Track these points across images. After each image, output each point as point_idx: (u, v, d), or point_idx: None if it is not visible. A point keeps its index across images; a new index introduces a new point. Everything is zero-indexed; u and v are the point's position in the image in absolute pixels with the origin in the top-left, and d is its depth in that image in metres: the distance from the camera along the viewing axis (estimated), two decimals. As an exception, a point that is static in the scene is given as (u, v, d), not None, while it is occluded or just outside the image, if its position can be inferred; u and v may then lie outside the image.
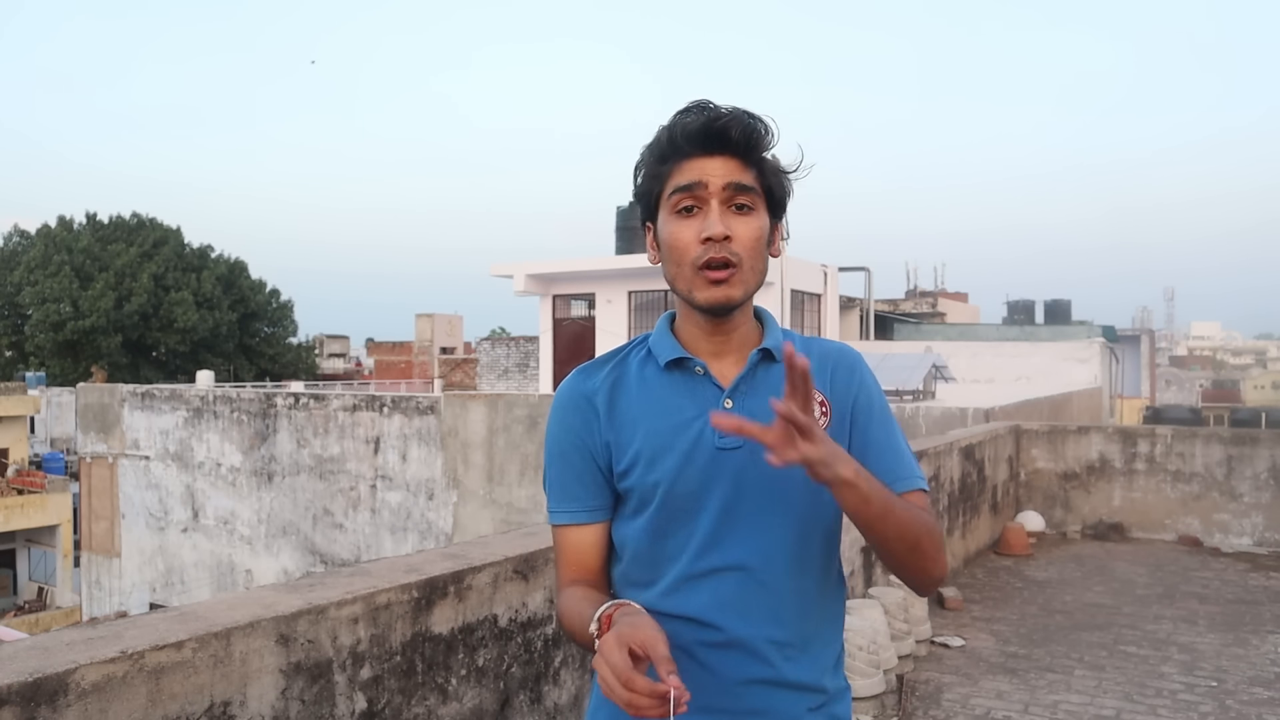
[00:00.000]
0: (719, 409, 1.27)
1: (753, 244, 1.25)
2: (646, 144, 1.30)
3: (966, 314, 31.99)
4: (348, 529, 13.99)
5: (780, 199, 1.30)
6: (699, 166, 1.24)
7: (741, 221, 1.25)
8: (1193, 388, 60.55)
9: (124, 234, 39.51)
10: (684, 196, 1.25)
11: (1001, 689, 4.64)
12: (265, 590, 2.03)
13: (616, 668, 1.04)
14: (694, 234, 1.24)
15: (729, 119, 1.24)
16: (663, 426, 1.28)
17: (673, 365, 1.31)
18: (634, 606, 1.17)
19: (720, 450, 1.26)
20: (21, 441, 28.33)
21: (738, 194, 1.24)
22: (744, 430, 1.13)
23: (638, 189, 1.32)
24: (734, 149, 1.24)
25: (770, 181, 1.27)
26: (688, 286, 1.27)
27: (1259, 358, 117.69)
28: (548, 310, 20.72)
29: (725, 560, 1.27)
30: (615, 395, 1.33)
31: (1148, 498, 8.62)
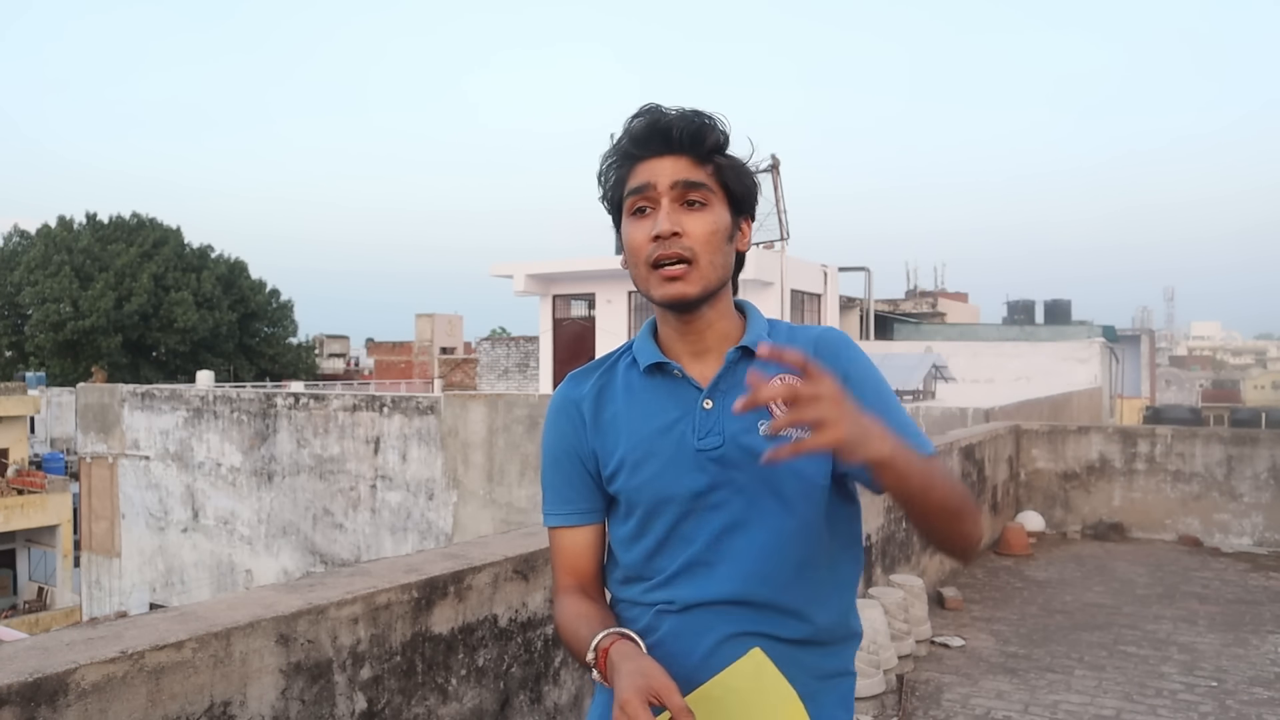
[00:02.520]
0: (699, 410, 1.28)
1: (706, 238, 1.25)
2: (604, 152, 1.32)
3: (966, 314, 31.98)
4: (348, 529, 13.99)
5: (741, 194, 1.30)
6: (649, 168, 1.26)
7: (694, 217, 1.25)
8: (1193, 388, 60.54)
9: (124, 234, 39.50)
10: (637, 199, 1.27)
11: (1001, 689, 4.64)
12: (265, 590, 2.03)
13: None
14: (646, 234, 1.26)
15: (671, 119, 1.26)
16: (645, 431, 1.30)
17: (653, 369, 1.32)
18: (631, 645, 1.19)
19: (700, 452, 1.27)
20: (21, 441, 28.34)
21: (687, 190, 1.25)
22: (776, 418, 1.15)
23: (603, 195, 1.34)
24: (681, 148, 1.25)
25: (725, 177, 1.28)
26: (645, 285, 1.28)
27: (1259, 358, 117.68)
28: (548, 310, 20.72)
29: (715, 561, 1.27)
30: (600, 403, 1.35)
31: (1148, 498, 8.62)
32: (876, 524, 5.45)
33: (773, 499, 1.26)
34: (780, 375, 1.27)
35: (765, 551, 1.26)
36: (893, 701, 4.36)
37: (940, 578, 6.66)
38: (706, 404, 1.28)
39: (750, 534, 1.27)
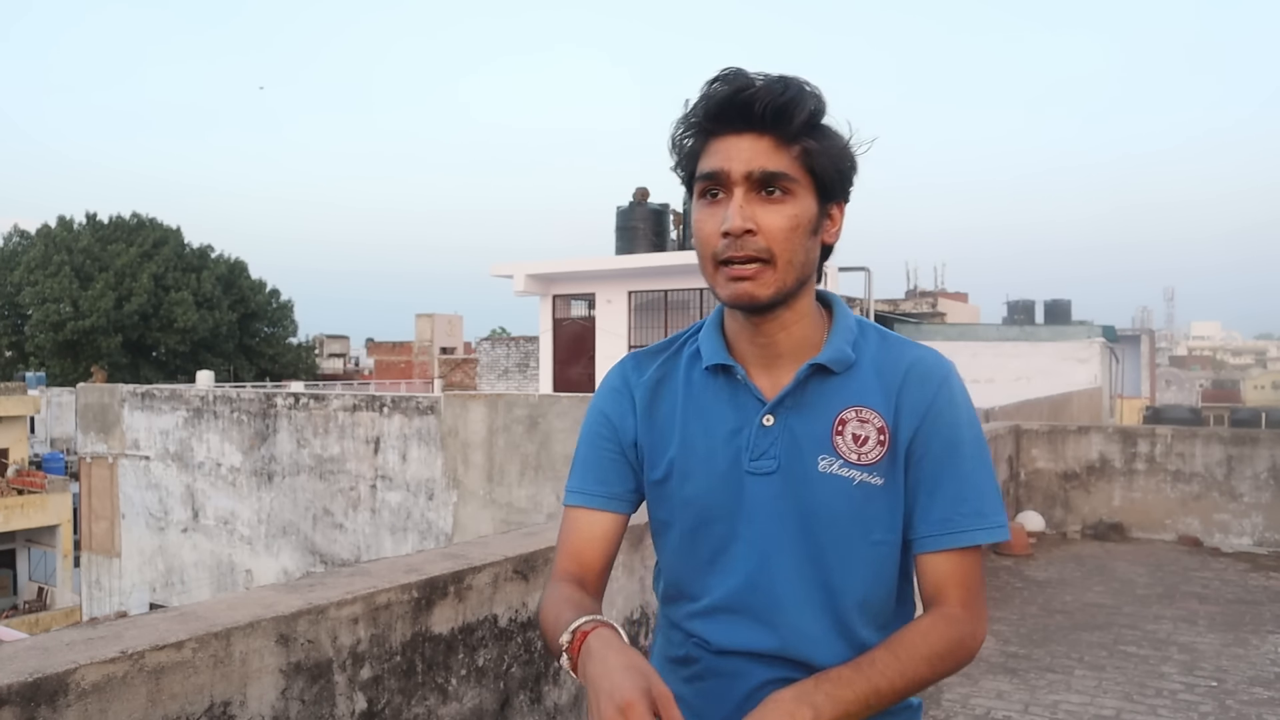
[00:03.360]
0: (757, 426, 1.13)
1: (785, 235, 1.07)
2: (678, 117, 1.14)
3: (966, 314, 31.98)
4: (348, 529, 13.99)
5: (831, 180, 1.11)
6: (723, 149, 1.08)
7: (771, 210, 1.07)
8: (1193, 388, 60.56)
9: (124, 234, 39.51)
10: (707, 184, 1.10)
11: (1001, 689, 4.64)
12: (265, 590, 2.03)
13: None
14: (715, 225, 1.09)
15: (756, 91, 1.05)
16: (699, 438, 1.16)
17: (716, 369, 1.17)
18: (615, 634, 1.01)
19: (750, 475, 1.12)
20: (21, 441, 28.34)
21: (765, 181, 1.07)
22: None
23: (675, 165, 1.17)
24: (763, 125, 1.06)
25: (814, 162, 1.08)
26: (710, 281, 1.13)
27: (1259, 358, 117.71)
28: (548, 310, 20.72)
29: (754, 606, 1.13)
30: (657, 395, 1.21)
31: (1148, 498, 8.62)
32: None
33: (826, 543, 1.12)
34: (857, 408, 1.12)
35: (809, 603, 1.12)
36: (893, 701, 4.36)
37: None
38: (766, 420, 1.13)
39: (794, 581, 1.12)
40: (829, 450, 1.11)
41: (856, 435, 1.11)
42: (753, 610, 1.14)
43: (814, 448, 1.11)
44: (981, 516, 1.11)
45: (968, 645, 1.07)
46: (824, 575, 1.12)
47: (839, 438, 1.11)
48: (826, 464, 1.11)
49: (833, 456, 1.11)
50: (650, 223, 19.20)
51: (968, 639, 1.07)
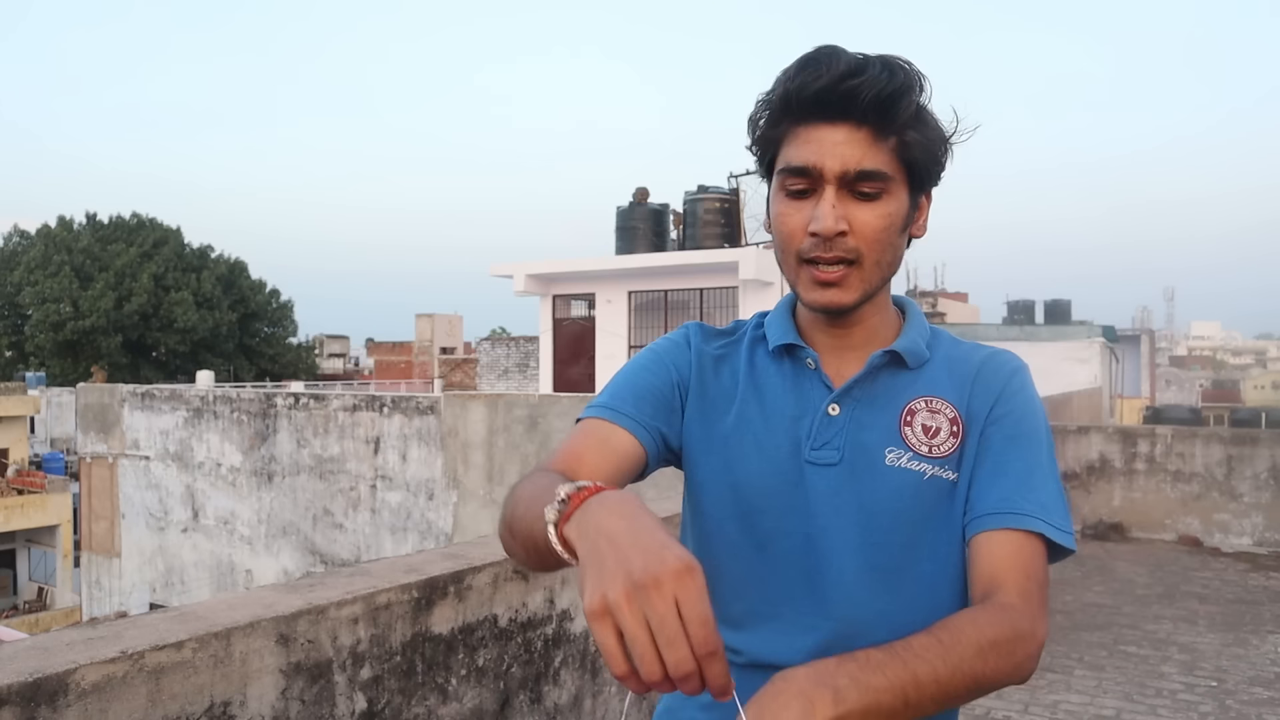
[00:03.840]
0: (822, 414, 1.04)
1: (877, 236, 0.99)
2: (762, 94, 1.03)
3: (966, 314, 31.98)
4: (348, 529, 13.99)
5: (925, 172, 1.02)
6: (816, 140, 0.98)
7: (864, 210, 0.99)
8: (1193, 388, 60.56)
9: (124, 234, 39.51)
10: (794, 179, 1.00)
11: (1001, 689, 4.64)
12: (265, 590, 2.03)
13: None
14: (802, 222, 1.00)
15: (862, 81, 0.95)
16: (756, 418, 1.06)
17: (782, 351, 1.09)
18: (634, 499, 0.78)
19: (810, 464, 1.03)
20: (21, 441, 28.34)
21: (860, 180, 0.98)
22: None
23: (751, 144, 1.07)
24: (862, 117, 0.97)
25: (912, 155, 0.99)
26: (793, 279, 1.04)
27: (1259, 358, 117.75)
28: (548, 310, 20.72)
29: (798, 610, 1.02)
30: (717, 368, 1.11)
31: (1148, 498, 8.62)
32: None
33: (892, 543, 1.01)
34: (927, 398, 1.05)
35: (869, 609, 1.01)
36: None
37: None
38: (832, 409, 1.04)
39: (853, 584, 1.01)
40: (897, 442, 1.02)
41: (927, 426, 1.03)
42: (802, 616, 1.02)
43: (881, 440, 1.03)
44: (1047, 510, 0.98)
45: (1027, 642, 0.88)
46: (888, 578, 1.01)
47: (907, 429, 1.03)
48: (894, 456, 1.02)
49: (901, 449, 1.02)
50: (650, 223, 19.21)
51: (1027, 635, 0.88)
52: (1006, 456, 1.01)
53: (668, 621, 0.67)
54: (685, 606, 0.67)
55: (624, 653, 0.69)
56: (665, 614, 0.67)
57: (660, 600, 0.67)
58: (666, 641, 0.67)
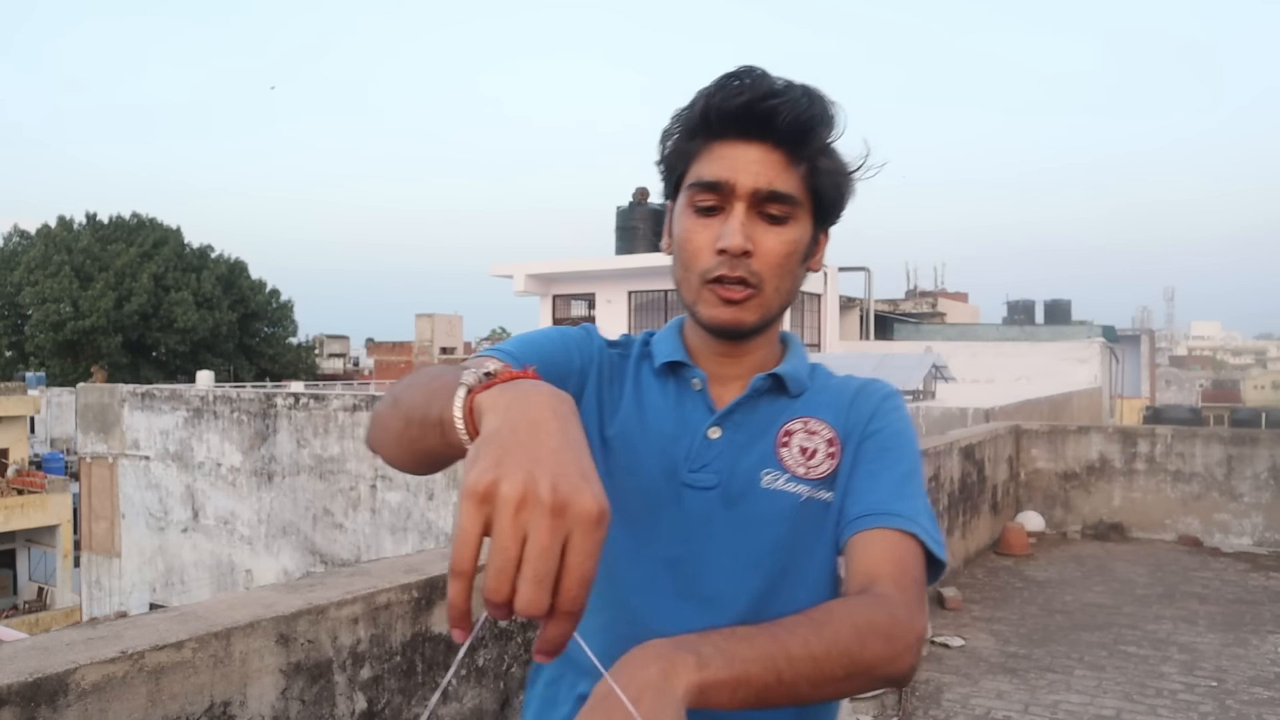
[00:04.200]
0: (701, 437, 1.02)
1: (780, 261, 0.99)
2: (678, 109, 1.02)
3: (966, 314, 32.01)
4: (348, 529, 13.99)
5: (830, 205, 1.03)
6: (730, 157, 0.97)
7: (770, 234, 0.98)
8: (1193, 388, 60.60)
9: (124, 234, 39.52)
10: (705, 194, 0.99)
11: (1001, 689, 4.64)
12: (265, 590, 2.03)
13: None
14: (709, 239, 0.99)
15: (779, 103, 0.95)
16: (636, 433, 1.03)
17: (668, 370, 1.07)
18: (571, 402, 0.71)
19: (687, 488, 1.00)
20: (21, 441, 28.34)
21: (770, 202, 0.97)
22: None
23: (661, 159, 1.06)
24: (778, 139, 0.96)
25: (820, 183, 1.00)
26: (693, 298, 1.02)
27: (1259, 358, 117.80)
28: (547, 310, 20.72)
29: (657, 628, 0.92)
30: (610, 373, 1.09)
31: (1148, 498, 8.62)
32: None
33: (769, 566, 0.99)
34: (804, 419, 1.05)
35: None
36: (893, 701, 4.36)
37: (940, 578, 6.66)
38: (713, 432, 1.03)
39: (724, 609, 0.96)
40: (774, 464, 1.01)
41: (804, 448, 1.03)
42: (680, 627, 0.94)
43: (758, 462, 1.01)
44: (920, 517, 0.97)
45: (903, 629, 0.84)
46: (765, 602, 0.98)
47: (784, 450, 1.02)
48: (771, 479, 1.00)
49: (778, 470, 1.01)
50: (650, 223, 19.21)
51: (904, 623, 0.85)
52: (881, 465, 1.01)
53: (544, 556, 0.59)
54: (573, 553, 0.60)
55: (477, 547, 0.60)
56: (548, 547, 0.59)
57: (550, 530, 0.59)
58: (533, 575, 0.59)
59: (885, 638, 0.83)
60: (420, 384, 0.82)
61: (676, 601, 0.98)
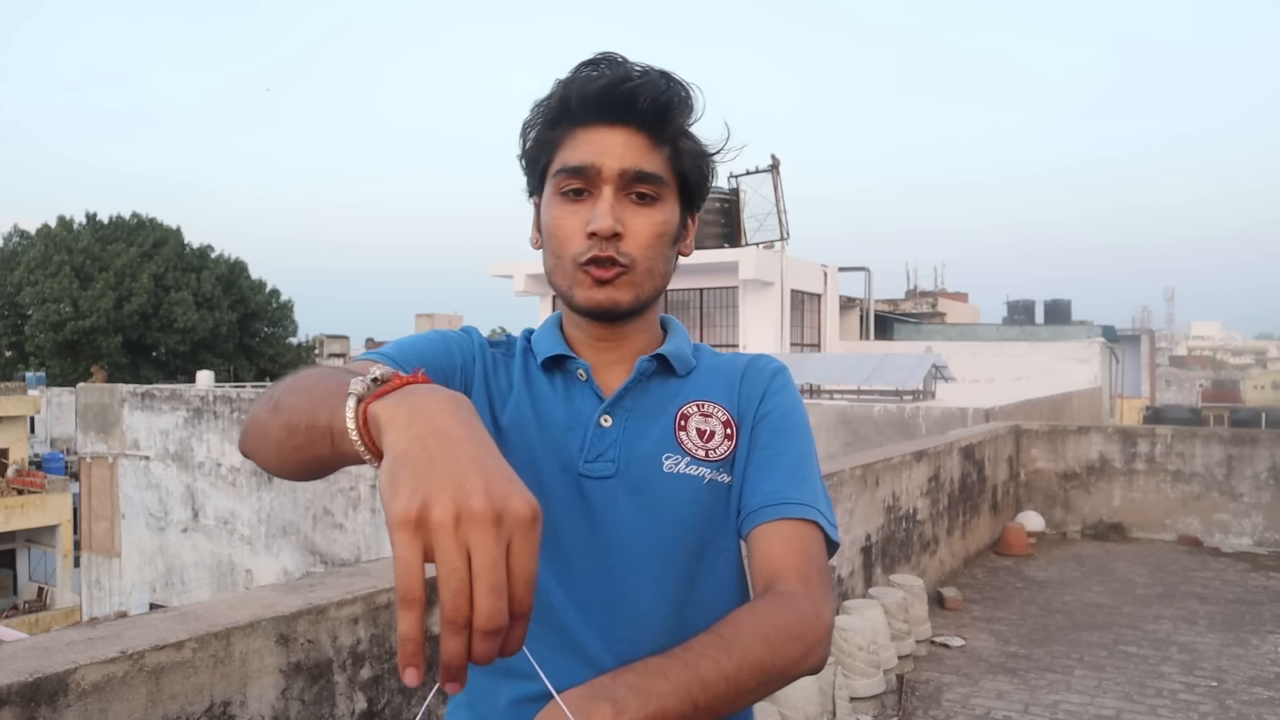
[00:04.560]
0: (594, 426, 1.02)
1: (650, 242, 1.00)
2: (536, 101, 1.03)
3: (966, 314, 31.99)
4: (348, 529, 13.99)
5: (696, 187, 1.05)
6: (594, 141, 0.98)
7: (639, 215, 0.99)
8: (1193, 388, 60.56)
9: (124, 234, 39.51)
10: (571, 179, 0.99)
11: (1001, 689, 4.64)
12: (265, 590, 2.03)
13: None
14: (579, 224, 0.99)
15: (638, 83, 0.97)
16: (530, 424, 1.03)
17: (551, 365, 1.06)
18: (470, 404, 0.69)
19: (584, 478, 1.00)
20: (21, 441, 28.33)
21: (638, 182, 0.98)
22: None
23: (524, 153, 1.05)
24: (641, 121, 0.98)
25: (684, 165, 1.02)
26: (567, 284, 1.02)
27: (1259, 358, 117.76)
28: (547, 310, 20.70)
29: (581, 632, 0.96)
30: (495, 369, 1.07)
31: (1148, 498, 8.62)
32: (876, 524, 5.45)
33: (676, 551, 0.98)
34: (699, 402, 1.05)
35: (652, 622, 0.96)
36: (893, 701, 4.36)
37: (940, 578, 6.66)
38: (604, 420, 1.02)
39: (638, 597, 0.97)
40: (674, 448, 1.01)
41: (701, 430, 1.03)
42: (580, 636, 0.96)
43: (657, 447, 1.01)
44: (817, 500, 0.98)
45: (811, 626, 0.86)
46: (678, 588, 0.98)
47: (682, 433, 1.02)
48: (672, 463, 1.00)
49: (679, 454, 1.01)
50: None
51: (810, 618, 0.86)
52: (775, 450, 1.02)
53: (496, 566, 0.59)
54: (516, 558, 0.60)
55: (423, 574, 0.59)
56: (496, 557, 0.59)
57: (492, 540, 0.59)
58: (488, 587, 0.58)
59: (795, 639, 0.84)
60: (301, 388, 0.80)
61: (592, 591, 0.97)
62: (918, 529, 6.17)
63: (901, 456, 5.92)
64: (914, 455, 6.15)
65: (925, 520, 6.33)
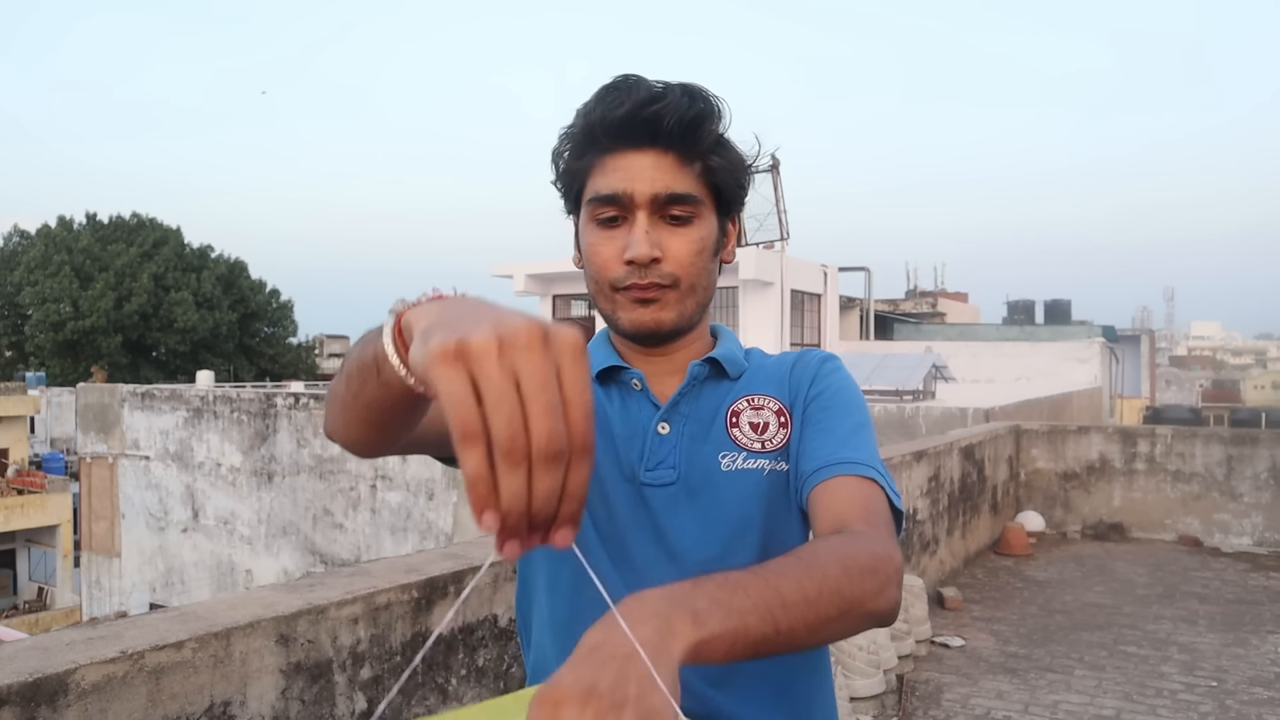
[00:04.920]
0: (652, 435, 1.02)
1: (690, 260, 0.99)
2: (563, 129, 1.03)
3: (966, 314, 31.99)
4: (348, 529, 13.99)
5: (732, 196, 1.04)
6: (623, 167, 0.97)
7: (676, 236, 0.99)
8: (1193, 388, 60.56)
9: (124, 234, 39.52)
10: (603, 207, 0.99)
11: (1001, 689, 4.64)
12: (265, 590, 2.03)
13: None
14: (615, 251, 0.99)
15: (662, 107, 0.96)
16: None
17: (605, 376, 1.06)
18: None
19: (648, 487, 1.00)
20: (21, 441, 28.33)
21: (671, 204, 0.98)
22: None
23: (557, 179, 1.06)
24: (668, 142, 0.97)
25: (718, 179, 1.01)
26: (609, 309, 1.03)
27: (1259, 358, 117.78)
28: (547, 310, 20.70)
29: None
30: None
31: (1148, 498, 8.62)
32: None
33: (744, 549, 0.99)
34: (748, 396, 1.05)
35: None
36: (893, 701, 4.36)
37: (940, 578, 6.66)
38: (662, 428, 1.02)
39: None
40: (729, 446, 1.01)
41: (754, 423, 1.03)
42: None
43: (714, 449, 1.01)
44: (876, 463, 0.96)
45: (885, 562, 0.81)
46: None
47: (735, 430, 1.02)
48: (729, 461, 1.00)
49: (735, 451, 1.01)
50: (650, 223, 19.20)
51: (883, 555, 0.82)
52: (829, 422, 1.00)
53: (549, 387, 0.53)
54: (568, 386, 0.54)
55: (476, 403, 0.52)
56: (547, 377, 0.53)
57: (540, 359, 0.53)
58: (543, 407, 0.52)
59: (870, 572, 0.79)
60: (358, 343, 0.78)
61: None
62: (918, 529, 6.17)
63: (901, 456, 5.92)
64: (914, 455, 6.15)
65: (925, 520, 6.33)
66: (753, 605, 0.70)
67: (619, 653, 0.60)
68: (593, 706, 0.54)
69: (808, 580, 0.74)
